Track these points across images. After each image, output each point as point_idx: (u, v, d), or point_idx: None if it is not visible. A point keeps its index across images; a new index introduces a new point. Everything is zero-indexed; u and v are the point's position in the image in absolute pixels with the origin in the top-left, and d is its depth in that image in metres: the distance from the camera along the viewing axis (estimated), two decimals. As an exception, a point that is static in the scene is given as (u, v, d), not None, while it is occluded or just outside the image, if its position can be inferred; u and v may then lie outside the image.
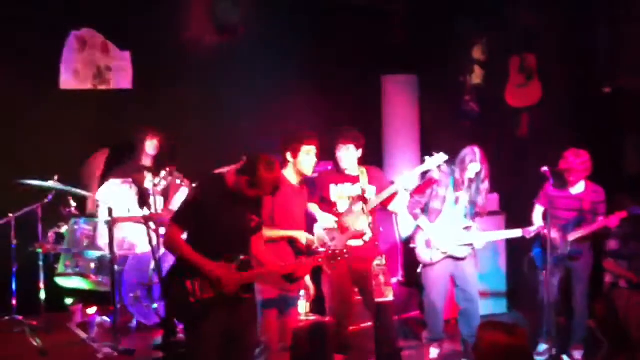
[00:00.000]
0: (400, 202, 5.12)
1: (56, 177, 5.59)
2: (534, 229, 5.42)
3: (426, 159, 5.09)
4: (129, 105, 6.72)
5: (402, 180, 5.04)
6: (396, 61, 7.55)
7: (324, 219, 4.97)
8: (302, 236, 4.63)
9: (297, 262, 4.16)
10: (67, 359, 5.31)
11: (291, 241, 4.64)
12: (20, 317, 5.64)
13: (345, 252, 4.15)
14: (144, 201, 5.04)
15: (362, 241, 4.98)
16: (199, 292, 3.84)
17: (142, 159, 6.23)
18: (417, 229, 5.50)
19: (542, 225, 5.38)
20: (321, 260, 4.12)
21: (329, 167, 5.32)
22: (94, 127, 6.45)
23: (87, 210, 6.13)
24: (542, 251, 5.41)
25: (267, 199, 4.26)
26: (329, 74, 7.24)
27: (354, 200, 4.99)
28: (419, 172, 5.17)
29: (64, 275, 5.73)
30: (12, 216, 5.68)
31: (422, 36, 7.47)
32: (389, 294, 4.95)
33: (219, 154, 5.83)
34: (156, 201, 5.73)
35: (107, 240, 5.42)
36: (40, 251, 5.68)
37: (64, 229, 5.79)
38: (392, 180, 5.81)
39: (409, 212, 5.43)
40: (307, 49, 7.06)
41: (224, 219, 3.90)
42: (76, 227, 5.72)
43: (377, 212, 5.15)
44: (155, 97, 6.67)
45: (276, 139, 4.87)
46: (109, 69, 6.90)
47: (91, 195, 5.98)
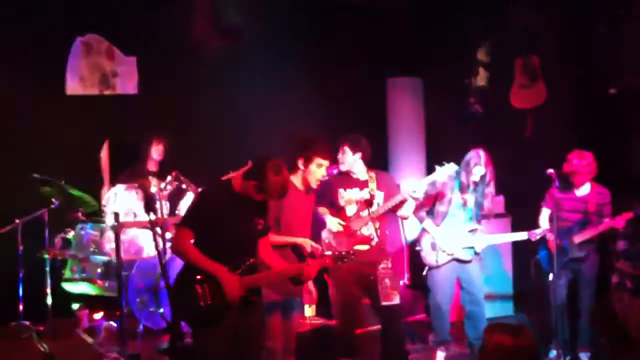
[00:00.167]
0: (409, 208, 5.08)
1: (62, 182, 5.62)
2: (539, 232, 5.40)
3: (437, 168, 5.01)
4: (135, 110, 6.75)
5: (408, 186, 5.01)
6: (399, 63, 7.54)
7: (332, 223, 4.97)
8: (307, 243, 4.61)
9: (304, 263, 4.15)
10: (74, 364, 5.33)
11: (295, 248, 4.62)
12: (27, 323, 5.66)
13: (352, 253, 4.16)
14: (150, 206, 5.05)
15: (368, 245, 4.98)
16: (209, 297, 3.83)
17: (147, 164, 6.24)
18: (423, 231, 5.49)
19: (548, 227, 5.37)
20: (328, 262, 4.13)
21: (335, 171, 5.31)
22: (100, 132, 6.46)
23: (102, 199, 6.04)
24: (548, 253, 5.40)
25: (274, 203, 4.26)
26: (331, 75, 7.22)
27: (361, 205, 4.99)
28: (428, 182, 5.09)
29: (71, 280, 5.76)
30: (18, 222, 5.70)
31: (424, 38, 7.46)
32: (395, 298, 4.94)
33: (224, 157, 5.86)
34: (162, 206, 5.75)
35: (113, 245, 5.43)
36: (47, 257, 5.71)
37: (70, 234, 5.81)
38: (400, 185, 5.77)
39: (414, 215, 5.42)
40: (308, 50, 7.06)
41: (231, 223, 3.90)
42: (83, 232, 5.75)
43: (385, 217, 5.13)
44: (160, 102, 6.69)
45: (280, 141, 4.86)
46: (114, 75, 6.93)
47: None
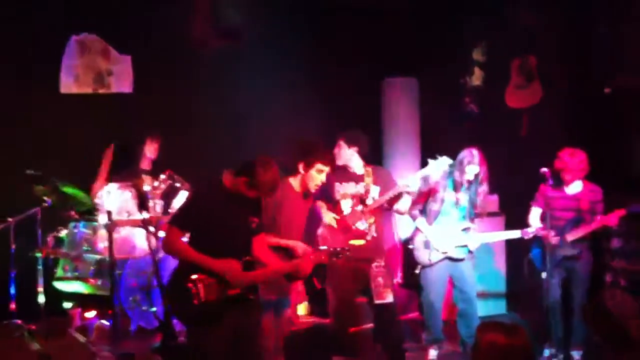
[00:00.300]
0: (405, 202, 5.09)
1: (56, 179, 5.60)
2: (532, 230, 5.39)
3: (430, 162, 4.99)
4: (130, 109, 6.73)
5: (404, 182, 5.01)
6: (396, 62, 7.53)
7: (328, 217, 4.96)
8: (299, 247, 4.56)
9: (300, 260, 4.16)
10: (66, 363, 5.30)
11: (287, 250, 4.57)
12: (19, 321, 5.62)
13: (347, 249, 4.16)
14: (143, 205, 5.04)
15: (364, 240, 4.97)
16: (203, 295, 3.82)
17: (141, 163, 6.23)
18: (416, 230, 5.48)
19: (541, 226, 5.37)
20: (323, 258, 4.13)
21: None
22: (94, 131, 6.44)
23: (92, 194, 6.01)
24: (541, 252, 5.40)
25: (271, 202, 4.26)
26: (328, 75, 7.22)
27: (356, 199, 4.98)
28: (422, 175, 5.09)
29: (63, 279, 5.74)
30: (11, 220, 5.66)
31: (422, 38, 7.46)
32: (389, 296, 4.94)
33: (219, 157, 5.84)
34: (155, 204, 5.74)
35: (106, 243, 5.42)
36: (39, 255, 5.68)
37: (63, 233, 5.78)
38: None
39: (407, 213, 5.42)
40: (307, 50, 7.04)
41: (223, 221, 3.90)
42: (75, 231, 5.73)
43: (380, 213, 5.13)
44: (155, 101, 6.68)
45: (277, 140, 4.85)
46: (109, 73, 6.92)
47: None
